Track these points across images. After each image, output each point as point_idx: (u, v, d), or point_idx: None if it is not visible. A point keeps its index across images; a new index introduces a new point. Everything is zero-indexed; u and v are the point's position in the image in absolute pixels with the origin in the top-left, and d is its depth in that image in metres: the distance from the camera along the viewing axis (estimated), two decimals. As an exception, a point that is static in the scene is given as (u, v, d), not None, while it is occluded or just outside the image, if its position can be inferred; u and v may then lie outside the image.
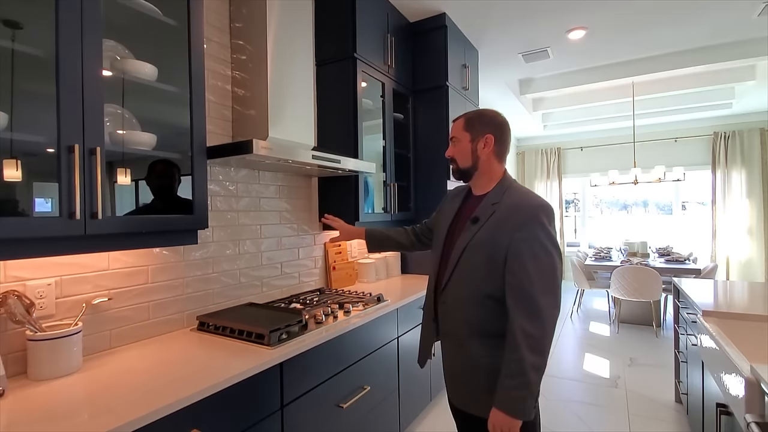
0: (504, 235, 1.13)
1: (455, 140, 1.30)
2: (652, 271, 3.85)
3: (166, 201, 1.44)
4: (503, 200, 1.19)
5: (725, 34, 3.30)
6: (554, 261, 1.11)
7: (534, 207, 1.14)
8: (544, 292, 1.08)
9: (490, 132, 1.25)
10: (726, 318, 1.73)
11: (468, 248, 1.19)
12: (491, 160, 1.26)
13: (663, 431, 2.25)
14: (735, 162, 5.95)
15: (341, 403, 1.64)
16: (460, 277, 1.21)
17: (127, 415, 0.93)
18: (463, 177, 1.32)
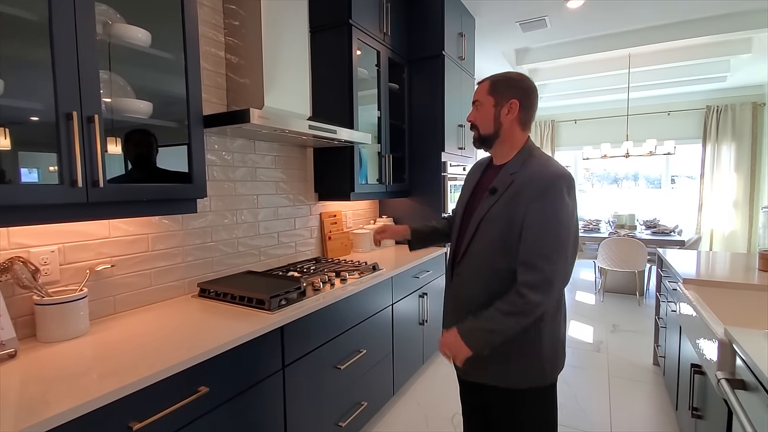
0: (520, 207, 1.09)
1: (478, 104, 1.23)
2: (638, 243, 3.97)
3: (164, 170, 1.45)
4: (522, 170, 1.14)
5: (721, 6, 3.27)
6: (568, 233, 1.08)
7: (552, 177, 1.09)
8: (549, 259, 1.05)
9: (516, 97, 1.17)
10: (704, 286, 1.82)
11: (484, 220, 1.16)
12: (514, 127, 1.19)
13: (640, 391, 2.40)
14: (726, 136, 6.01)
15: (339, 365, 1.72)
16: (475, 250, 1.18)
17: (136, 374, 0.97)
18: (484, 145, 1.25)
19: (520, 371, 1.15)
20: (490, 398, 1.22)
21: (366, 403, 1.93)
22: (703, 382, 1.51)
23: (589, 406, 2.25)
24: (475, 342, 1.10)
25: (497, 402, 1.21)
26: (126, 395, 0.92)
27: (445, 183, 2.84)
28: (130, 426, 0.94)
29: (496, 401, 1.21)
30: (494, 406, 1.23)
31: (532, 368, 1.15)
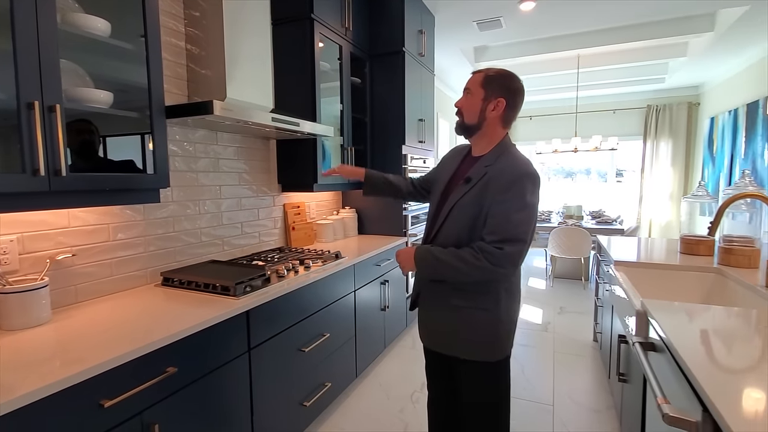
0: (488, 196, 1.20)
1: (469, 91, 1.29)
2: (584, 231, 4.29)
3: (124, 160, 1.46)
4: (496, 163, 1.23)
5: (662, 12, 3.57)
6: (527, 225, 1.18)
7: (519, 174, 1.18)
8: (506, 239, 1.16)
9: (504, 96, 1.25)
10: (632, 267, 2.05)
11: (456, 206, 1.26)
12: (496, 123, 1.28)
13: (581, 364, 2.65)
14: (664, 133, 6.54)
15: (303, 348, 1.81)
16: (446, 233, 1.29)
17: (104, 355, 1.01)
18: (465, 132, 1.33)
19: (481, 345, 1.28)
20: (455, 368, 1.36)
21: (330, 384, 2.03)
22: (627, 350, 1.73)
23: (536, 379, 2.47)
24: (422, 263, 1.28)
25: (461, 371, 1.34)
26: (96, 375, 0.97)
27: (405, 175, 2.96)
28: (101, 404, 0.98)
29: (459, 371, 1.35)
30: (458, 376, 1.36)
31: (491, 343, 1.28)
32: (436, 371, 1.51)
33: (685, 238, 2.25)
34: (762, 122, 4.34)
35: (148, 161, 1.44)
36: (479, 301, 1.27)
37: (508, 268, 1.18)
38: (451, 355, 1.34)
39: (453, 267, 1.21)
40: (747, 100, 4.74)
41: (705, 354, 0.97)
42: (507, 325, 1.30)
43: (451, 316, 1.31)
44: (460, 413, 1.42)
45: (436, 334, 1.37)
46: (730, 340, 1.05)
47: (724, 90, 5.46)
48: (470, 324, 1.28)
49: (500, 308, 1.27)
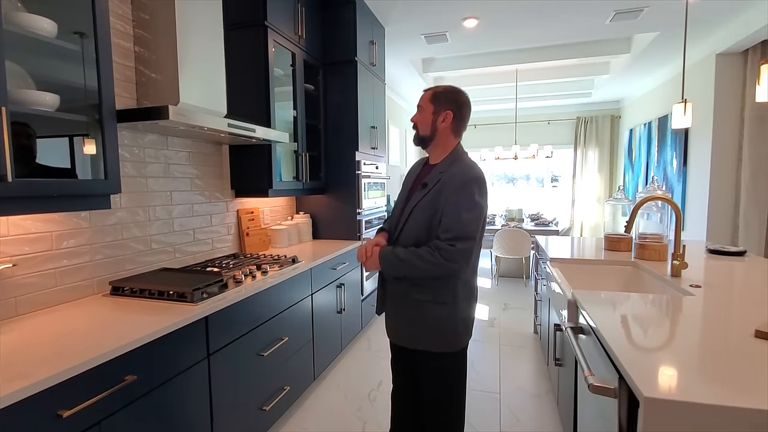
0: (442, 199, 1.34)
1: (420, 108, 1.44)
2: (524, 233, 4.62)
3: (73, 165, 1.41)
4: (448, 170, 1.37)
5: (586, 34, 3.98)
6: (476, 223, 1.32)
7: (467, 178, 1.33)
8: (457, 237, 1.29)
9: (451, 108, 1.40)
10: (565, 263, 2.28)
11: (415, 209, 1.39)
12: (447, 133, 1.42)
13: (523, 355, 2.87)
14: (591, 142, 7.19)
15: (262, 352, 1.82)
16: (406, 233, 1.41)
17: (49, 371, 0.96)
18: (421, 143, 1.48)
19: (440, 336, 1.39)
20: (418, 361, 1.46)
21: (289, 387, 2.05)
22: (561, 338, 1.93)
23: (484, 370, 2.64)
24: (385, 262, 1.39)
25: (423, 363, 1.45)
26: (52, 385, 0.94)
27: (359, 180, 3.05)
28: (59, 414, 0.96)
29: (422, 362, 1.45)
30: (419, 367, 1.47)
31: (449, 334, 1.39)
32: (399, 365, 1.59)
33: (608, 237, 2.54)
34: (670, 134, 4.95)
35: (99, 166, 1.39)
36: (437, 295, 1.37)
37: (460, 263, 1.31)
38: (412, 348, 1.44)
39: (412, 264, 1.33)
40: (659, 114, 5.37)
41: (623, 334, 1.14)
42: (464, 318, 1.42)
43: (412, 310, 1.41)
44: (421, 403, 1.52)
45: (399, 328, 1.47)
46: (645, 323, 1.24)
47: (640, 105, 6.15)
48: (430, 317, 1.38)
49: (458, 302, 1.39)
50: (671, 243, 2.45)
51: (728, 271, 1.90)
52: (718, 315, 1.29)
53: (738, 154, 3.95)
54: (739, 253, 2.29)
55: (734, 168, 3.98)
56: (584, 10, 3.37)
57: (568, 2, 3.20)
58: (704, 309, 1.35)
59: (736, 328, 1.16)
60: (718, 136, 4.01)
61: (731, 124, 3.96)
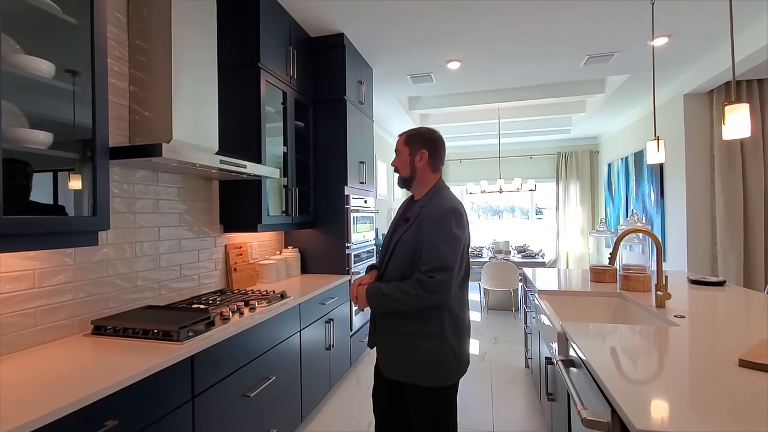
0: (422, 231, 1.40)
1: (398, 152, 1.55)
2: (511, 265, 4.66)
3: (58, 201, 1.40)
4: (428, 204, 1.45)
5: (563, 75, 4.21)
6: (455, 253, 1.37)
7: (444, 211, 1.40)
8: (436, 269, 1.34)
9: (425, 147, 1.50)
10: (553, 295, 2.30)
11: (399, 243, 1.46)
12: (426, 170, 1.51)
13: (515, 390, 2.83)
14: (572, 176, 7.42)
15: (248, 392, 1.75)
16: (392, 266, 1.47)
17: (28, 415, 0.93)
18: (405, 184, 1.56)
19: (428, 370, 1.40)
20: (406, 395, 1.46)
21: (275, 430, 1.96)
22: (552, 371, 1.92)
23: (476, 407, 2.58)
24: (373, 297, 1.44)
25: (412, 398, 1.45)
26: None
27: (348, 215, 3.07)
28: (33, 465, 0.90)
29: (411, 397, 1.45)
30: (409, 403, 1.47)
31: (438, 368, 1.39)
32: (386, 401, 1.57)
33: (593, 268, 2.59)
34: (647, 168, 5.16)
35: (88, 203, 1.39)
36: (424, 328, 1.40)
37: (441, 294, 1.34)
38: (402, 381, 1.44)
39: (396, 299, 1.38)
40: (634, 149, 5.62)
41: (613, 366, 1.15)
42: (455, 352, 1.42)
43: (401, 343, 1.43)
44: None
45: (389, 362, 1.48)
46: (634, 354, 1.26)
47: (616, 141, 6.43)
48: (418, 350, 1.40)
49: (446, 335, 1.40)
50: (654, 274, 2.51)
51: (710, 301, 1.94)
52: (703, 345, 1.31)
53: (711, 187, 4.13)
54: (719, 283, 2.35)
55: (708, 200, 4.15)
56: (559, 55, 3.59)
57: (545, 47, 3.41)
58: (690, 340, 1.38)
59: (721, 358, 1.19)
60: (690, 171, 4.20)
61: (702, 159, 4.17)
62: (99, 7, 1.40)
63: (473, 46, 3.35)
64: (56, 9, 1.32)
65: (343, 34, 3.06)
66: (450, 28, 3.01)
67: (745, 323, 1.56)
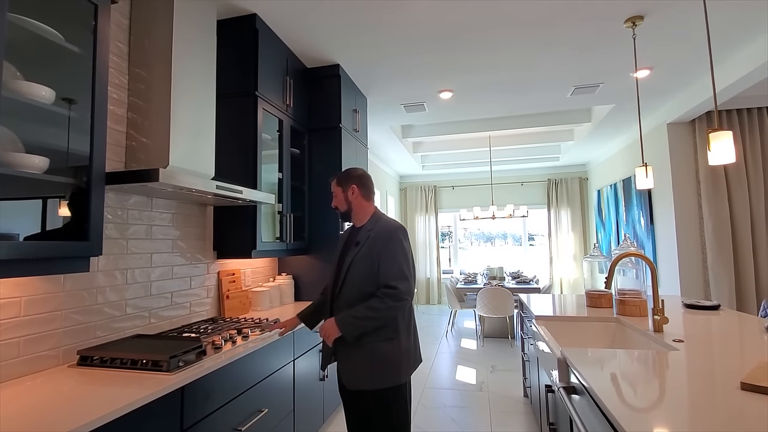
0: (375, 249, 1.61)
1: (334, 194, 1.79)
2: (506, 291, 4.63)
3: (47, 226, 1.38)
4: (375, 227, 1.67)
5: (551, 105, 4.35)
6: (407, 259, 1.61)
7: (393, 229, 1.64)
8: (398, 278, 1.56)
9: (354, 183, 1.75)
10: (550, 320, 2.28)
11: (353, 262, 1.65)
12: (360, 201, 1.75)
13: (514, 421, 2.75)
14: (563, 203, 7.53)
15: (239, 427, 1.68)
16: (348, 284, 1.64)
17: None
18: (346, 218, 1.79)
19: (386, 372, 1.57)
20: (367, 399, 1.60)
21: (267, 467, 1.87)
22: (553, 399, 1.87)
23: (475, 440, 2.49)
24: (344, 326, 1.56)
25: (371, 400, 1.59)
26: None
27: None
28: (8, 507, 0.84)
29: (370, 400, 1.59)
30: (369, 405, 1.60)
31: (394, 369, 1.58)
32: (352, 416, 1.69)
33: (589, 293, 2.58)
34: (635, 194, 5.26)
35: (82, 228, 1.37)
36: (383, 334, 1.58)
37: (407, 299, 1.56)
38: (365, 390, 1.58)
39: (370, 317, 1.54)
40: (622, 176, 5.75)
41: (616, 393, 1.13)
42: (406, 352, 1.62)
43: (363, 352, 1.59)
44: None
45: (352, 374, 1.61)
46: (636, 380, 1.24)
47: (604, 168, 6.58)
48: (378, 355, 1.57)
49: (401, 336, 1.60)
50: (649, 298, 2.50)
51: (706, 325, 1.94)
52: (703, 368, 1.30)
53: (699, 212, 4.22)
54: (714, 307, 2.36)
55: (697, 226, 4.22)
56: (547, 86, 3.72)
57: (533, 78, 3.54)
58: (690, 364, 1.36)
59: (722, 381, 1.17)
60: (678, 197, 4.29)
61: (689, 186, 4.27)
62: (102, 37, 1.43)
63: (464, 77, 3.46)
64: (59, 38, 1.35)
65: (338, 65, 3.14)
66: (441, 60, 3.12)
67: (742, 347, 1.55)
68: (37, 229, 1.36)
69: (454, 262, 8.27)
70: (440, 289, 8.01)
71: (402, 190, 8.31)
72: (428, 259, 8.00)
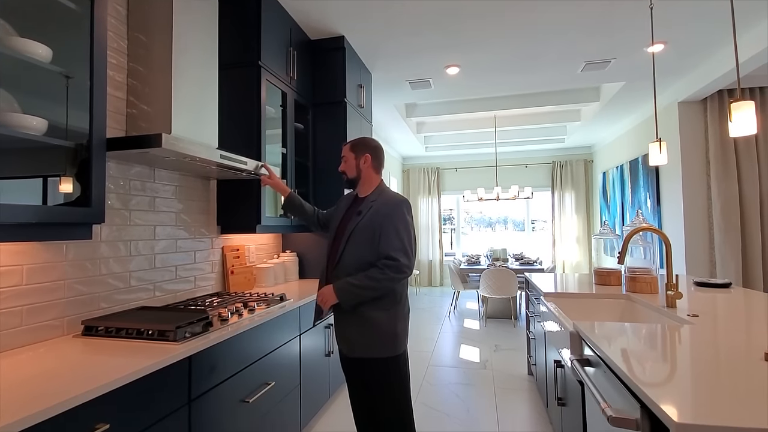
0: (378, 220, 1.60)
1: (344, 158, 1.76)
2: (510, 272, 4.61)
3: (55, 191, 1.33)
4: (378, 199, 1.66)
5: (560, 83, 4.24)
6: (409, 236, 1.59)
7: (397, 201, 1.63)
8: (399, 251, 1.55)
9: (368, 152, 1.73)
10: (559, 297, 2.26)
11: (355, 230, 1.63)
12: (370, 172, 1.73)
13: (519, 397, 2.75)
14: (567, 185, 7.46)
15: (247, 398, 1.67)
16: (349, 251, 1.63)
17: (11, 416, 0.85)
18: (351, 185, 1.78)
19: (385, 342, 1.58)
20: (367, 367, 1.61)
21: (274, 439, 1.87)
22: (563, 374, 1.86)
23: (480, 416, 2.50)
24: (342, 293, 1.56)
25: (369, 369, 1.61)
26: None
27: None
28: (16, 470, 0.82)
29: (369, 368, 1.61)
30: (370, 373, 1.61)
31: (392, 339, 1.59)
32: (353, 381, 1.71)
33: (598, 271, 2.55)
34: (642, 176, 5.19)
35: (83, 193, 1.32)
36: (381, 304, 1.59)
37: (407, 272, 1.56)
38: (365, 357, 1.59)
39: (368, 287, 1.54)
40: (629, 157, 5.67)
41: (636, 362, 1.10)
42: (403, 322, 1.64)
43: (360, 322, 1.59)
44: (376, 416, 1.64)
45: (352, 342, 1.62)
46: (655, 350, 1.21)
47: (611, 149, 6.49)
48: (375, 324, 1.58)
49: (398, 308, 1.61)
50: (661, 276, 2.47)
51: (719, 302, 1.91)
52: (723, 341, 1.27)
53: (707, 193, 4.16)
54: (725, 285, 2.33)
55: (705, 206, 4.17)
56: (558, 60, 3.61)
57: (543, 52, 3.43)
58: (708, 336, 1.33)
59: (744, 353, 1.14)
60: (687, 177, 4.22)
61: (698, 166, 4.20)
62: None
63: (472, 50, 3.36)
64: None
65: (343, 36, 3.05)
66: (449, 32, 3.02)
67: (758, 322, 1.52)
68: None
69: (457, 245, 8.26)
70: (442, 271, 8.01)
71: (405, 171, 8.23)
72: (430, 242, 7.98)
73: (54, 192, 1.35)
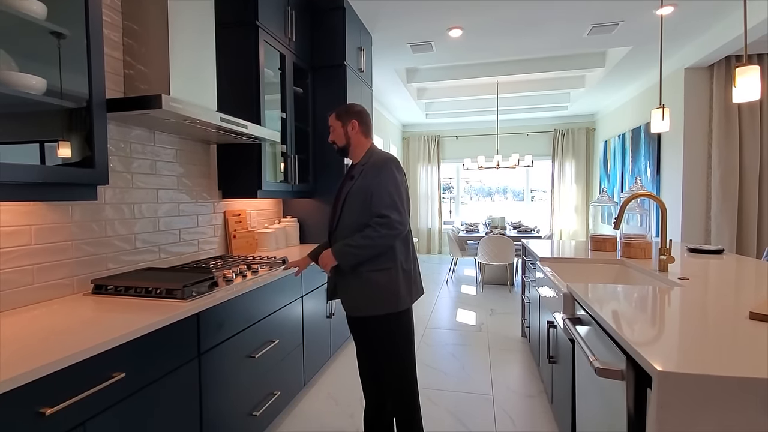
0: (368, 182, 1.60)
1: (332, 128, 1.74)
2: (508, 239, 4.68)
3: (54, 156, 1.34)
4: (368, 161, 1.66)
5: (564, 47, 4.14)
6: (400, 193, 1.58)
7: (384, 160, 1.62)
8: (389, 207, 1.55)
9: (354, 118, 1.70)
10: (554, 262, 2.31)
11: (349, 195, 1.64)
12: (359, 137, 1.71)
13: (512, 357, 2.87)
14: (568, 154, 7.42)
15: (253, 354, 1.75)
16: (345, 215, 1.65)
17: (34, 363, 0.90)
18: (343, 153, 1.75)
19: (386, 299, 1.60)
20: (370, 325, 1.65)
21: (279, 392, 1.97)
22: (554, 335, 1.94)
23: (475, 374, 2.62)
24: (340, 254, 1.58)
25: (372, 326, 1.64)
26: (34, 380, 0.87)
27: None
28: (41, 412, 0.88)
29: (371, 326, 1.64)
30: (373, 330, 1.65)
31: (393, 295, 1.60)
32: (358, 337, 1.76)
33: (593, 237, 2.60)
34: (644, 145, 5.16)
35: (86, 155, 1.33)
36: (380, 263, 1.60)
37: (399, 228, 1.55)
38: (366, 316, 1.62)
39: (363, 246, 1.54)
40: (631, 126, 5.61)
41: (625, 319, 1.15)
42: (405, 281, 1.63)
43: (360, 281, 1.61)
44: (380, 372, 1.70)
45: (353, 301, 1.65)
46: (644, 309, 1.26)
47: (614, 117, 6.41)
48: (375, 283, 1.59)
49: (398, 266, 1.61)
50: (655, 243, 2.52)
51: (710, 267, 1.96)
52: (710, 301, 1.32)
53: (708, 161, 4.16)
54: (717, 251, 2.38)
55: (705, 175, 4.18)
56: (564, 22, 3.51)
57: (549, 13, 3.33)
58: (697, 297, 1.39)
59: (730, 312, 1.19)
60: (688, 145, 4.20)
61: (700, 134, 4.17)
62: (91, -55, 1.31)
63: (476, 11, 3.26)
64: (45, -57, 1.23)
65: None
66: (454, -9, 2.91)
67: (747, 285, 1.57)
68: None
69: (456, 214, 8.31)
70: (441, 239, 8.10)
71: (405, 139, 8.15)
72: (429, 210, 8.02)
73: (52, 157, 1.35)
